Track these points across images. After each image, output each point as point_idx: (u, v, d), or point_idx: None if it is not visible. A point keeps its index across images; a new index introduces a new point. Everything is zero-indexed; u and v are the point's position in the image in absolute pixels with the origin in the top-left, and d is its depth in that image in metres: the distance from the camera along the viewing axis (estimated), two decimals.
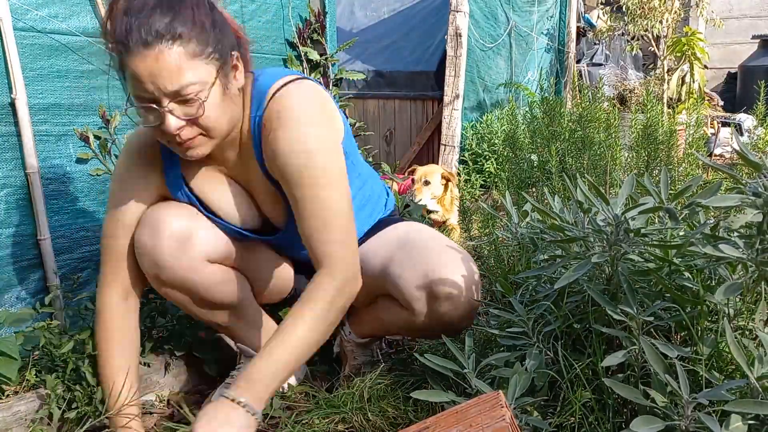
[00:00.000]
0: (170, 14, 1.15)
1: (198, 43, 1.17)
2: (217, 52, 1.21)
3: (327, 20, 2.76)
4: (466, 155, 4.25)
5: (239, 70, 1.28)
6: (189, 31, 1.16)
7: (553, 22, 5.62)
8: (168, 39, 1.14)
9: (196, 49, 1.17)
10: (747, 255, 0.99)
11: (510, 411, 0.92)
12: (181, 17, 1.16)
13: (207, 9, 1.21)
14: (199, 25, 1.18)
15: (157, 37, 1.13)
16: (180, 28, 1.15)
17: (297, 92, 1.30)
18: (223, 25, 1.24)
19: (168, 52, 1.14)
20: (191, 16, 1.17)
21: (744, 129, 5.29)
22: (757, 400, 0.89)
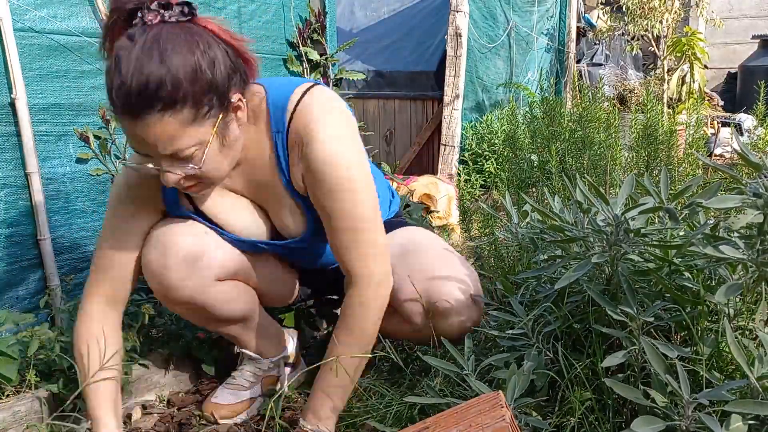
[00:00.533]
0: (161, 71, 1.05)
1: (192, 106, 1.09)
2: (214, 108, 1.13)
3: (327, 20, 2.76)
4: (466, 155, 4.25)
5: (242, 109, 1.20)
6: (182, 96, 1.07)
7: (553, 22, 5.62)
8: (158, 110, 1.06)
9: (188, 115, 1.09)
10: (747, 255, 0.99)
11: (510, 411, 0.92)
12: (172, 77, 1.05)
13: (202, 52, 1.09)
14: (193, 84, 1.08)
15: (145, 108, 1.05)
16: (171, 94, 1.06)
17: (319, 103, 1.26)
18: (219, 62, 1.12)
19: (158, 125, 1.07)
20: (184, 72, 1.06)
21: (744, 129, 5.29)
22: (758, 400, 0.89)
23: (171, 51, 1.06)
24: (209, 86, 1.10)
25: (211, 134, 1.15)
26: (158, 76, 1.04)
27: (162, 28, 1.08)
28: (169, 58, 1.05)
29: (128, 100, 1.05)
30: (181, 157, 1.13)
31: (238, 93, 1.18)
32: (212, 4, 2.32)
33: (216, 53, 1.12)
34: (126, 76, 1.04)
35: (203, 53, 1.09)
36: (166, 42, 1.06)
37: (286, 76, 2.69)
